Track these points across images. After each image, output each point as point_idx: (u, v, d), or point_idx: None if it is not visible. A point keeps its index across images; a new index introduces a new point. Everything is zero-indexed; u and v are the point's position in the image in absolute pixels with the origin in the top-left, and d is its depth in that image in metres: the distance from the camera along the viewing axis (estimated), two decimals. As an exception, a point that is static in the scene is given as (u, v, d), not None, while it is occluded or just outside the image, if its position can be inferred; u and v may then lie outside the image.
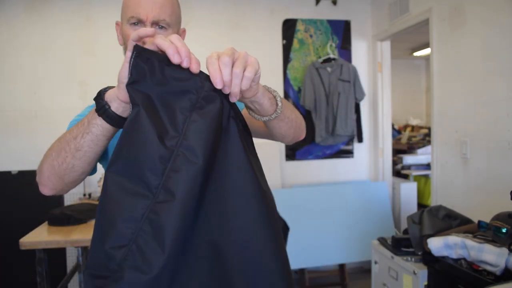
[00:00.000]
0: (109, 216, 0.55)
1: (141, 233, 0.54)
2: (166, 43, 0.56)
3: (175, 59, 0.56)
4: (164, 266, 0.53)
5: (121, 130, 0.63)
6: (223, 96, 0.60)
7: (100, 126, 0.66)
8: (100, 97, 0.64)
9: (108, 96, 0.64)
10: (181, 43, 0.57)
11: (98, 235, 0.56)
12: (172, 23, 0.93)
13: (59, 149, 0.71)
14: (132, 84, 0.57)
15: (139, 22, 0.90)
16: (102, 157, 0.90)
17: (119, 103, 0.63)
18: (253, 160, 0.63)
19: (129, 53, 0.58)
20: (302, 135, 0.96)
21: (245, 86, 0.60)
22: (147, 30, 0.58)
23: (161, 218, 0.54)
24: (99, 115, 0.64)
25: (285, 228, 0.73)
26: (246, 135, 0.65)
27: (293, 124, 0.86)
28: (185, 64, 0.56)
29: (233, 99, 0.61)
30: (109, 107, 0.63)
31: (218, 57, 0.58)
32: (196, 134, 0.56)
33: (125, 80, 0.59)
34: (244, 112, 0.94)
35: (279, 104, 0.76)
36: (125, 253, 0.54)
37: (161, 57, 0.57)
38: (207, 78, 0.58)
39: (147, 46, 0.57)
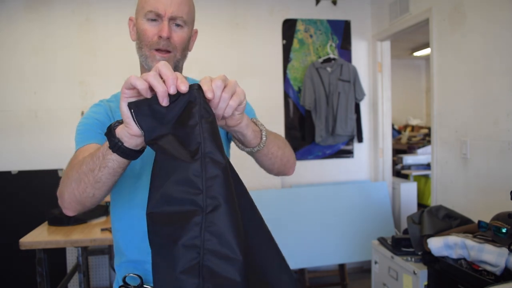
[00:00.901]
0: (168, 245, 0.55)
1: (207, 247, 0.54)
2: (155, 83, 0.57)
3: (164, 103, 0.58)
4: (243, 267, 0.54)
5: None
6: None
7: (116, 161, 0.67)
8: (111, 134, 0.65)
9: (119, 133, 0.64)
10: (168, 73, 0.58)
11: (164, 265, 0.56)
12: (188, 22, 0.95)
13: (78, 180, 0.73)
14: (148, 138, 0.60)
15: (157, 17, 0.91)
16: None
17: (129, 137, 0.63)
18: None
19: (126, 91, 0.60)
20: (289, 172, 0.98)
21: (227, 114, 0.64)
22: (139, 82, 0.58)
23: (220, 226, 0.54)
24: (114, 151, 0.65)
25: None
26: None
27: (277, 161, 0.89)
28: (172, 91, 0.58)
29: None
30: (122, 143, 0.64)
31: (211, 79, 0.62)
32: (210, 138, 0.58)
33: (128, 113, 0.60)
34: None
35: (263, 138, 0.79)
36: (198, 271, 0.54)
37: (155, 98, 0.59)
38: (199, 86, 0.60)
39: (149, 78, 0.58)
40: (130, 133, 0.62)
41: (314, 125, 3.17)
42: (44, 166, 2.83)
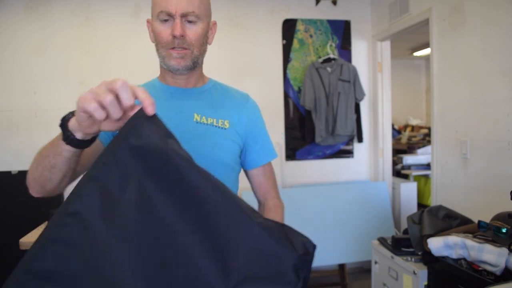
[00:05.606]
0: None
1: None
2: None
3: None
4: None
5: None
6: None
7: (69, 151, 0.69)
8: (64, 127, 0.67)
9: (71, 126, 0.66)
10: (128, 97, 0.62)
11: None
12: (201, 15, 0.93)
13: (37, 163, 0.75)
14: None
15: (168, 17, 0.90)
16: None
17: (81, 134, 0.66)
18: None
19: (81, 114, 0.62)
20: None
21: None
22: (92, 107, 0.60)
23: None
24: (67, 143, 0.67)
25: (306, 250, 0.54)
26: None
27: None
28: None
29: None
30: (74, 136, 0.66)
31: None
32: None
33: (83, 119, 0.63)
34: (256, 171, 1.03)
35: None
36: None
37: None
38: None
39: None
40: (84, 131, 0.64)
41: (314, 125, 3.17)
42: (44, 166, 2.83)
